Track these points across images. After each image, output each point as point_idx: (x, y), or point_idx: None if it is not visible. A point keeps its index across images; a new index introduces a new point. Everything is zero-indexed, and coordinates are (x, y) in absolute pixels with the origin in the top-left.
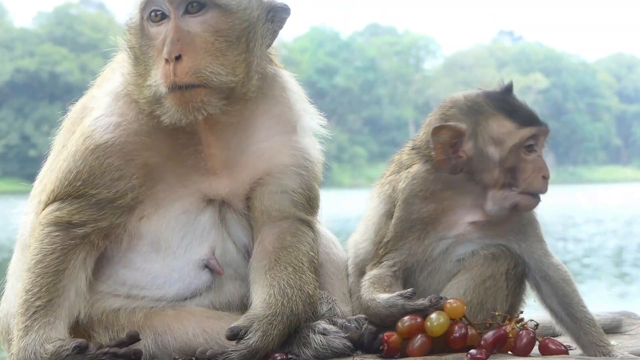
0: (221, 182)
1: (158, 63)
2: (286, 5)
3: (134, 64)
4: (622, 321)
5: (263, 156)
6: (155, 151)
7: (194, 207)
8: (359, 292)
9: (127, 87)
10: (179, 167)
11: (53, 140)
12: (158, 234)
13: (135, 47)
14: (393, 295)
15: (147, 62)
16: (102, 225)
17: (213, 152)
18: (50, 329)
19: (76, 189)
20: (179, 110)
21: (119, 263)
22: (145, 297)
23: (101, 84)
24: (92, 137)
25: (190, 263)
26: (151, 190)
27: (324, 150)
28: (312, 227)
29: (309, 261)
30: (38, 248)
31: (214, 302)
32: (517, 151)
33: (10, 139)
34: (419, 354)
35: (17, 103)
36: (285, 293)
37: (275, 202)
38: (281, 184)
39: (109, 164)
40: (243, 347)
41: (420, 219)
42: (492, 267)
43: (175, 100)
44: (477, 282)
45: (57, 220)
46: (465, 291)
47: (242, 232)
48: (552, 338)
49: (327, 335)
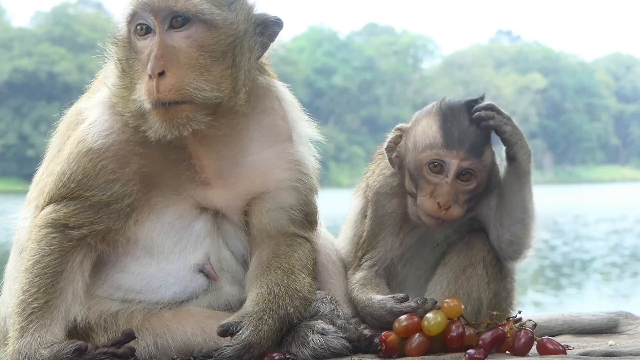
0: (215, 193)
1: (143, 77)
2: (278, 18)
3: (120, 77)
4: (619, 321)
5: (258, 170)
6: (148, 160)
7: (187, 213)
8: (351, 294)
9: (112, 99)
10: (173, 177)
11: (49, 141)
12: (152, 238)
13: (122, 60)
14: (385, 297)
15: (132, 76)
16: (98, 229)
17: (205, 164)
18: (45, 332)
19: (71, 190)
20: (162, 126)
21: (114, 267)
22: (142, 300)
23: (92, 94)
24: (85, 140)
25: (185, 267)
26: (146, 196)
27: (322, 150)
28: (310, 242)
29: (301, 266)
30: (36, 249)
31: (212, 304)
32: (420, 166)
33: (8, 138)
34: (417, 353)
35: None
36: (272, 291)
37: (273, 220)
38: (278, 200)
39: (103, 166)
40: (236, 342)
41: (389, 214)
42: (469, 256)
43: (159, 116)
44: (457, 273)
45: (53, 222)
46: (449, 284)
47: (240, 243)
48: (550, 338)
49: (325, 335)
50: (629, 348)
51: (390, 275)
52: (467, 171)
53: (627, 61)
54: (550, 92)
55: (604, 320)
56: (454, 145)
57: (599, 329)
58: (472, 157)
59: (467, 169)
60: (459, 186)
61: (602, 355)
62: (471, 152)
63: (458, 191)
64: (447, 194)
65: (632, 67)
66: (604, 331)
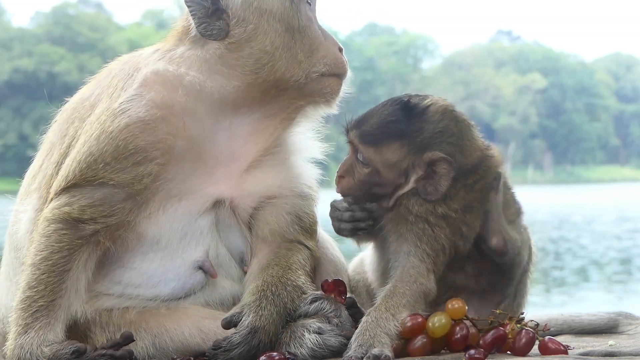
0: (235, 183)
1: (323, 45)
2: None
3: (295, 39)
4: (619, 321)
5: (280, 172)
6: (183, 135)
7: (198, 207)
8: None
9: (274, 54)
10: (199, 159)
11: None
12: (161, 233)
13: (295, 22)
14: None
15: (311, 40)
16: (111, 222)
17: (244, 147)
18: (48, 331)
19: (95, 172)
20: (335, 95)
21: (116, 263)
22: (139, 295)
23: (126, 69)
24: (125, 113)
25: (185, 263)
26: (163, 184)
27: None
28: (309, 249)
29: (299, 266)
30: (44, 244)
31: (208, 300)
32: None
33: (8, 138)
34: (420, 353)
35: (15, 103)
36: (266, 282)
37: (279, 225)
38: (287, 206)
39: (135, 145)
40: (242, 328)
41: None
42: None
43: (339, 86)
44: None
45: (65, 216)
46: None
47: (241, 240)
48: (552, 338)
49: (322, 334)
50: (629, 348)
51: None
52: (362, 156)
53: (627, 61)
54: (550, 92)
55: (603, 320)
56: (356, 125)
57: (599, 329)
58: (364, 144)
59: (364, 155)
60: (359, 167)
61: (602, 355)
62: (363, 139)
63: (357, 171)
64: (343, 163)
65: (632, 67)
66: (604, 331)
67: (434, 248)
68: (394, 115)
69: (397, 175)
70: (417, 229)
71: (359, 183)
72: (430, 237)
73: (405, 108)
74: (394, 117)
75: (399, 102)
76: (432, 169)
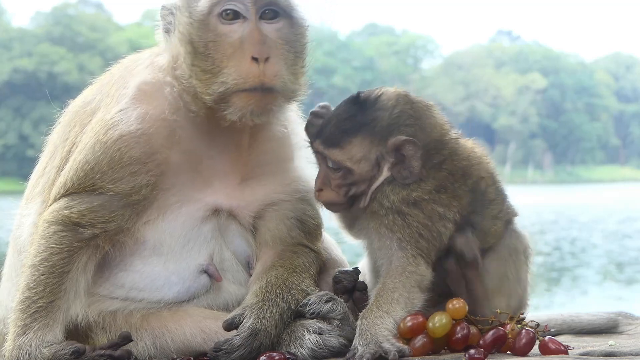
0: (235, 193)
1: (234, 61)
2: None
3: (198, 59)
4: (618, 321)
5: (277, 179)
6: (178, 148)
7: (200, 214)
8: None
9: (189, 80)
10: (195, 170)
11: (49, 136)
12: (162, 238)
13: (197, 42)
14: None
15: (215, 58)
16: (110, 228)
17: (237, 160)
18: (47, 332)
19: (92, 181)
20: (251, 110)
21: (118, 266)
22: (144, 299)
23: (124, 76)
24: (117, 127)
25: (190, 267)
26: (161, 193)
27: None
28: (315, 252)
29: (303, 269)
30: (44, 245)
31: (212, 304)
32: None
33: (8, 138)
34: (421, 353)
35: (15, 103)
36: (270, 283)
37: (282, 229)
38: (290, 210)
39: (130, 156)
40: (243, 330)
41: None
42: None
43: (253, 100)
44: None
45: (65, 219)
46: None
47: (245, 244)
48: (553, 338)
49: (322, 335)
50: (629, 348)
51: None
52: (331, 161)
53: (627, 61)
54: (550, 92)
55: (603, 320)
56: (317, 135)
57: (599, 329)
58: (329, 148)
59: (332, 159)
60: (332, 174)
61: (602, 355)
62: (326, 143)
63: (332, 178)
64: (317, 176)
65: (632, 67)
66: (604, 331)
67: (411, 235)
68: (347, 112)
69: (370, 168)
70: (387, 221)
71: (337, 189)
72: (402, 226)
73: (357, 102)
74: (348, 113)
75: (349, 99)
76: (400, 153)
